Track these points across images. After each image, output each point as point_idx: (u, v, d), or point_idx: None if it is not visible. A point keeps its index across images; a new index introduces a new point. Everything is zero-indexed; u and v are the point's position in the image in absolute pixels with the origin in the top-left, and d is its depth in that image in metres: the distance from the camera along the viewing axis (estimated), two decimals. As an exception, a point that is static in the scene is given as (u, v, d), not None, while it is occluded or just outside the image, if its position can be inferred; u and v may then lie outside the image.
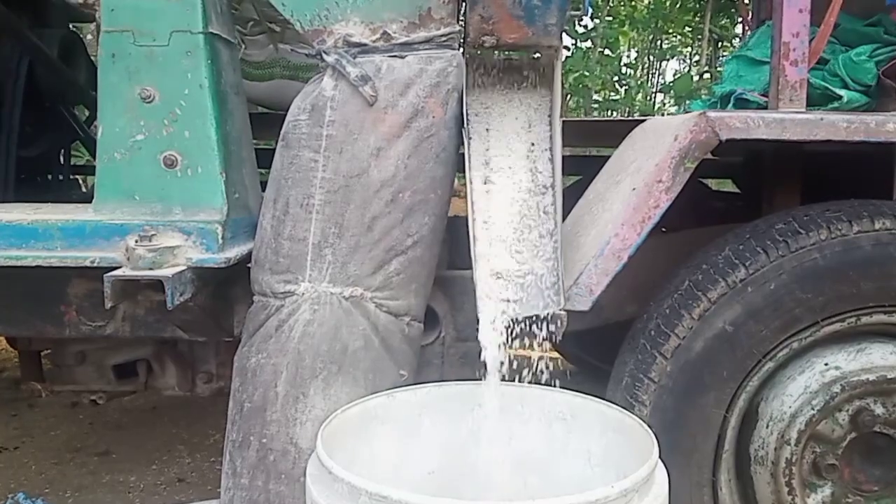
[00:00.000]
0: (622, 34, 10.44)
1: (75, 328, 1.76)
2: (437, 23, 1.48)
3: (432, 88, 1.45)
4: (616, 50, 10.02)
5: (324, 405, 1.37)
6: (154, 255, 1.39)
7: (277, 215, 1.46)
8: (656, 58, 12.62)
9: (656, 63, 12.94)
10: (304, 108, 1.46)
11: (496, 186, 1.48)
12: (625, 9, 10.49)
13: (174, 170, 1.47)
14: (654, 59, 12.70)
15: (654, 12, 10.62)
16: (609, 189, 1.48)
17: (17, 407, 2.81)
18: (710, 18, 9.65)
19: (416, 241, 1.45)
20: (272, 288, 1.45)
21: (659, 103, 11.69)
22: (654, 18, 10.61)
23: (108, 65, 1.46)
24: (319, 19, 1.47)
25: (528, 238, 1.38)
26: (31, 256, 1.43)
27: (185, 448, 2.50)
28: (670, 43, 12.25)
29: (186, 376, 2.09)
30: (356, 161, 1.42)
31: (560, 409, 1.33)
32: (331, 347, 1.39)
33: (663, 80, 12.73)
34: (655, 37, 11.88)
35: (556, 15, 1.48)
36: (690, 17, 10.62)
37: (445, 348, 1.70)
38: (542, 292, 1.29)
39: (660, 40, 12.38)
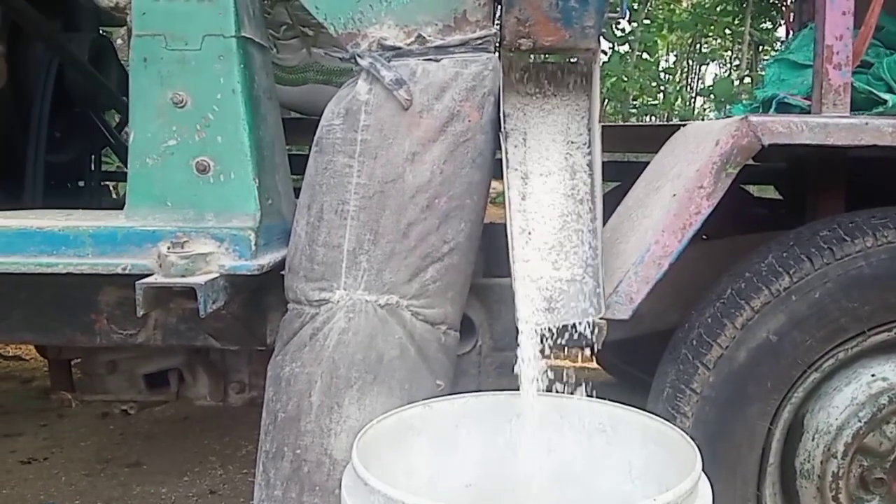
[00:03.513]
0: (661, 38, 10.37)
1: (106, 336, 1.75)
2: (472, 25, 1.46)
3: (468, 92, 1.43)
4: (654, 54, 9.96)
5: (359, 415, 1.35)
6: (186, 262, 1.37)
7: (312, 221, 1.43)
8: (696, 62, 12.51)
9: (696, 67, 12.83)
10: (339, 112, 1.44)
11: (533, 192, 1.45)
12: (663, 12, 10.42)
13: (207, 175, 1.46)
14: (693, 63, 12.60)
15: (693, 15, 10.53)
16: (649, 195, 1.44)
17: (46, 417, 2.81)
18: (750, 21, 9.55)
19: (452, 248, 1.42)
20: (306, 295, 1.42)
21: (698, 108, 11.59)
22: (694, 21, 10.52)
23: (140, 69, 1.45)
24: (353, 22, 1.45)
25: (566, 245, 1.34)
26: (61, 263, 1.42)
27: (216, 459, 2.49)
28: (710, 46, 12.14)
29: (218, 386, 2.07)
30: (391, 166, 1.39)
31: (600, 421, 1.29)
32: (366, 356, 1.37)
33: (703, 85, 12.62)
34: (695, 40, 11.78)
35: (593, 17, 1.45)
36: (730, 20, 10.51)
37: (482, 358, 1.66)
38: (582, 301, 1.26)
39: (699, 44, 12.28)
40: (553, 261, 1.31)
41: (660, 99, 9.96)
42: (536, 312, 1.24)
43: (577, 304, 1.25)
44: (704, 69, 13.29)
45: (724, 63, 13.04)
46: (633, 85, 8.65)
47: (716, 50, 12.38)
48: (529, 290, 1.27)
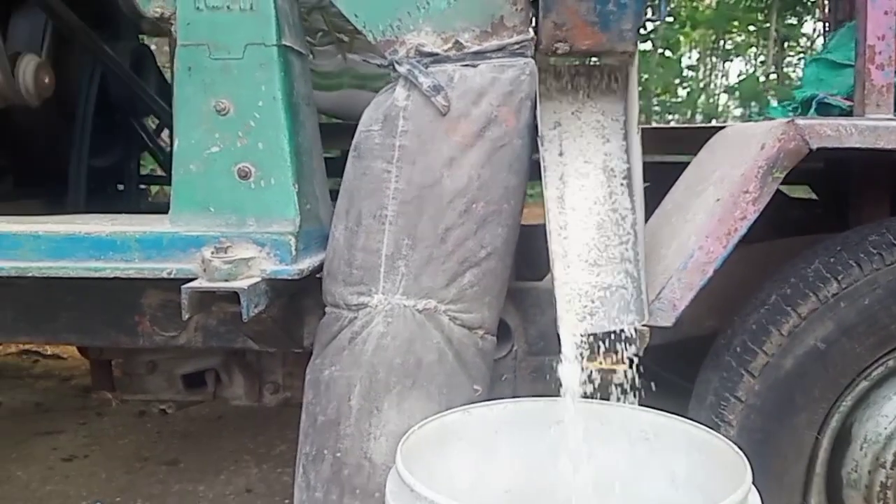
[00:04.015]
0: (684, 35, 10.27)
1: (148, 338, 1.79)
2: (509, 31, 1.46)
3: (505, 97, 1.43)
4: (677, 51, 9.86)
5: (398, 420, 1.35)
6: (230, 267, 1.39)
7: (350, 226, 1.45)
8: (719, 58, 12.36)
9: (719, 64, 12.67)
10: (377, 118, 1.45)
11: (572, 197, 1.44)
12: (686, 9, 10.32)
13: (248, 181, 1.48)
14: (717, 60, 12.45)
15: (717, 12, 10.41)
16: (689, 199, 1.43)
17: (85, 415, 2.87)
18: (776, 17, 9.41)
19: (489, 253, 1.42)
20: (345, 300, 1.44)
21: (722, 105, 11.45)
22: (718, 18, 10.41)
23: (185, 78, 1.47)
24: (392, 29, 1.45)
25: (606, 250, 1.34)
26: (109, 268, 1.44)
27: (251, 458, 2.52)
28: (734, 42, 11.99)
29: (254, 387, 2.10)
30: (429, 171, 1.40)
31: (642, 428, 1.28)
32: (405, 361, 1.37)
33: (727, 82, 12.47)
34: (718, 37, 11.64)
35: (631, 20, 1.44)
36: (755, 16, 10.37)
37: (517, 362, 1.66)
38: (624, 307, 1.25)
39: (723, 40, 12.12)
40: (593, 266, 1.31)
41: (682, 96, 9.85)
42: (577, 319, 1.24)
43: (619, 311, 1.25)
44: (728, 66, 13.11)
45: (748, 59, 12.86)
46: (656, 83, 8.58)
47: (740, 46, 12.21)
48: (570, 295, 1.26)
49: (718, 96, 12.04)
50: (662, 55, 9.16)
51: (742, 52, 12.44)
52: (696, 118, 10.46)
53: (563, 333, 1.24)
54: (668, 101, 9.73)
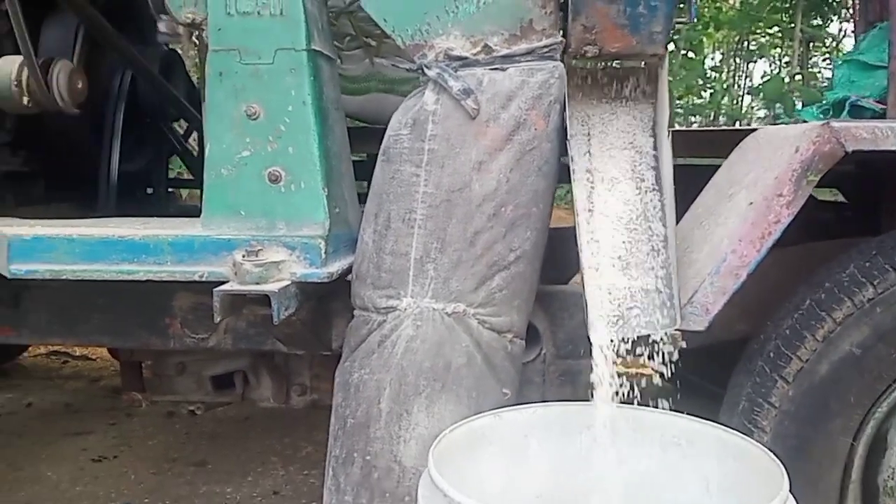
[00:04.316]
0: (707, 36, 10.18)
1: (179, 340, 1.81)
2: (538, 34, 1.46)
3: (534, 100, 1.43)
4: (700, 53, 9.77)
5: (427, 423, 1.36)
6: (260, 270, 1.40)
7: (379, 230, 1.45)
8: (743, 59, 12.22)
9: (743, 65, 12.53)
10: (406, 122, 1.45)
11: (601, 200, 1.44)
12: (709, 10, 10.23)
13: (278, 185, 1.49)
14: (740, 61, 12.32)
15: (741, 13, 10.31)
16: (721, 203, 1.41)
17: (114, 416, 2.91)
18: (801, 18, 9.29)
19: (518, 256, 1.42)
20: (374, 303, 1.44)
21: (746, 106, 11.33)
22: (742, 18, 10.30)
23: (216, 83, 1.49)
24: (421, 34, 1.46)
25: (637, 254, 1.33)
26: (142, 271, 1.46)
27: (278, 460, 2.53)
28: (758, 43, 11.86)
29: (281, 388, 2.12)
30: (458, 175, 1.40)
31: (675, 434, 1.27)
32: (434, 364, 1.38)
33: (750, 83, 12.33)
34: (742, 37, 11.52)
35: (662, 23, 1.43)
36: (780, 17, 10.25)
37: (546, 366, 1.66)
38: (656, 312, 1.24)
39: (747, 41, 11.99)
40: (624, 270, 1.30)
41: (705, 98, 9.75)
42: (609, 323, 1.23)
43: (651, 315, 1.24)
44: (752, 67, 12.96)
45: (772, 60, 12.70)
46: (679, 85, 8.51)
47: (764, 47, 12.06)
48: (601, 300, 1.26)
49: (742, 98, 11.91)
50: (685, 56, 9.07)
51: (766, 53, 12.29)
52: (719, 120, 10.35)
53: (594, 338, 1.23)
54: (691, 102, 9.64)
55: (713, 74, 11.39)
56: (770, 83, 8.98)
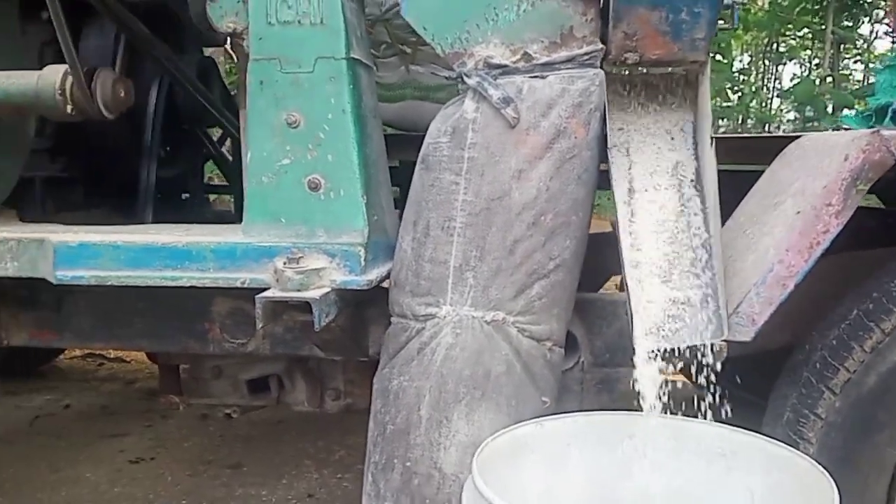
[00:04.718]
0: (735, 38, 10.05)
1: (218, 345, 1.83)
2: (579, 41, 1.45)
3: (575, 109, 1.42)
4: (728, 55, 9.65)
5: (467, 430, 1.36)
6: (301, 277, 1.41)
7: (418, 237, 1.46)
8: (772, 61, 12.06)
9: (772, 67, 12.36)
10: (445, 130, 1.45)
11: (642, 208, 1.43)
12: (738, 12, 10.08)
13: (318, 193, 1.50)
14: (769, 63, 12.15)
15: (770, 14, 10.16)
16: (765, 211, 1.40)
17: (150, 418, 2.94)
18: (832, 19, 9.15)
19: (557, 265, 1.42)
20: (413, 310, 1.45)
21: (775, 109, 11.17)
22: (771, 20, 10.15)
23: (257, 92, 1.50)
24: (460, 42, 1.46)
25: (680, 263, 1.32)
26: (185, 277, 1.48)
27: (312, 463, 2.55)
28: (787, 45, 11.70)
29: (315, 393, 2.13)
30: (497, 183, 1.40)
31: (718, 445, 1.26)
32: (473, 372, 1.38)
33: (780, 85, 12.17)
34: (771, 40, 11.36)
35: (704, 29, 1.42)
36: (810, 19, 10.09)
37: (583, 374, 1.65)
38: (702, 322, 1.23)
39: (776, 43, 11.82)
40: (667, 280, 1.29)
41: (734, 101, 9.61)
42: (654, 333, 1.22)
43: (696, 325, 1.23)
44: (781, 69, 12.77)
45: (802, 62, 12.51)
46: (707, 88, 8.39)
47: (794, 49, 11.87)
48: (645, 310, 1.25)
49: (771, 100, 11.75)
50: (713, 59, 8.97)
51: (796, 55, 12.11)
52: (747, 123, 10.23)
53: (638, 348, 1.22)
54: (719, 105, 9.52)
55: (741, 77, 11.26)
56: (801, 86, 8.85)
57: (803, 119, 9.19)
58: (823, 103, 8.17)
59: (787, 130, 10.22)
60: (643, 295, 1.27)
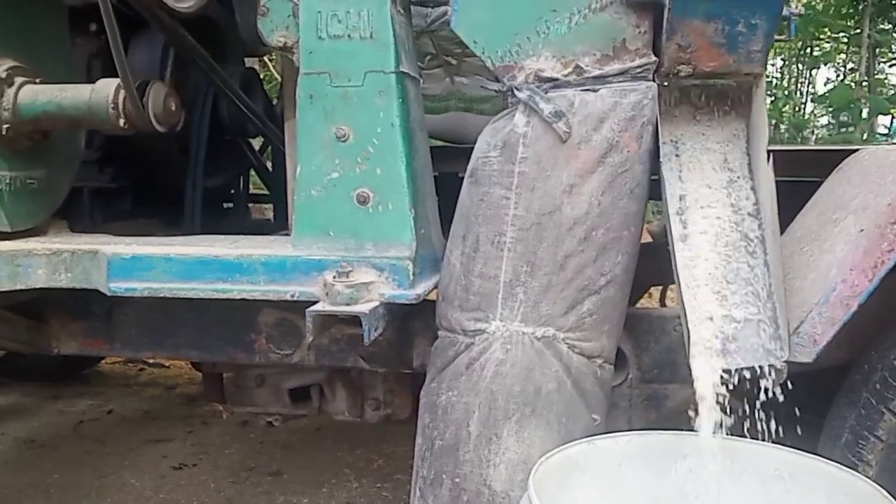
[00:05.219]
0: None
1: (264, 355, 1.85)
2: (631, 54, 1.43)
3: (627, 122, 1.41)
4: (762, 60, 9.45)
5: (517, 448, 1.35)
6: (351, 291, 1.42)
7: (467, 252, 1.45)
8: (806, 66, 11.84)
9: (805, 72, 12.14)
10: (495, 144, 1.45)
11: (695, 224, 1.40)
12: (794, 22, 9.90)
13: (366, 207, 1.50)
14: (803, 68, 11.94)
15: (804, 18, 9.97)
16: (824, 227, 1.37)
17: (191, 423, 2.98)
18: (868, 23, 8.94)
19: (609, 281, 1.41)
20: (462, 325, 1.44)
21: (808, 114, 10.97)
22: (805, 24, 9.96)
23: (307, 106, 1.51)
24: (510, 55, 1.45)
25: (736, 281, 1.29)
26: (236, 290, 1.49)
27: (351, 472, 2.56)
28: (822, 49, 11.47)
29: (356, 402, 2.14)
30: (549, 198, 1.39)
31: (776, 467, 1.23)
32: (524, 388, 1.37)
33: (813, 90, 11.95)
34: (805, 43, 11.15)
35: (761, 41, 1.39)
36: (845, 22, 9.89)
37: (631, 390, 1.63)
38: (761, 342, 1.20)
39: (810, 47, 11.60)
40: (723, 298, 1.27)
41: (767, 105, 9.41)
42: (712, 353, 1.20)
43: (756, 346, 1.20)
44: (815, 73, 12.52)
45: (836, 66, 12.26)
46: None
47: (829, 53, 11.63)
48: (702, 328, 1.23)
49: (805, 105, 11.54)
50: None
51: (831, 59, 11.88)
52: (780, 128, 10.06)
53: (695, 368, 1.20)
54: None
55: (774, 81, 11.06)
56: (837, 91, 8.68)
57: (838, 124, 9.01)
58: (859, 109, 8.01)
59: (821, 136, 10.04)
60: (699, 313, 1.25)
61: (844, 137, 7.72)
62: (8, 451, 2.72)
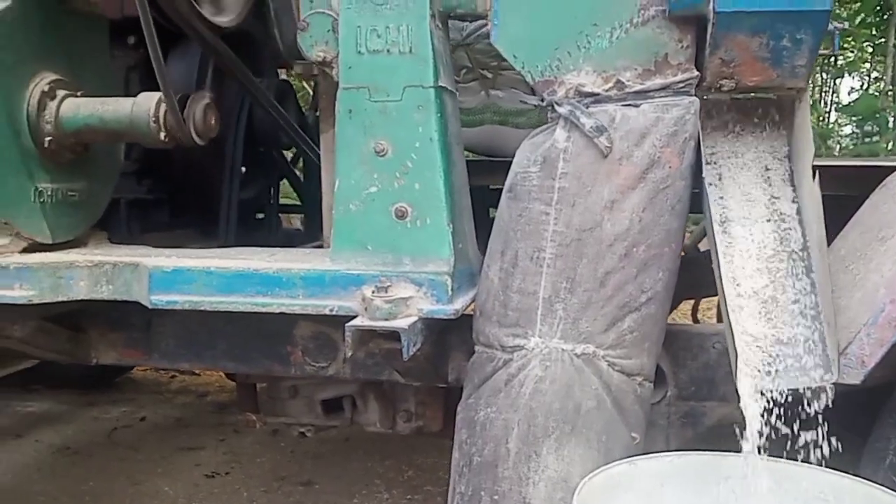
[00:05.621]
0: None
1: (300, 368, 1.85)
2: (674, 69, 1.42)
3: (669, 138, 1.39)
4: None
5: (557, 466, 1.34)
6: (390, 307, 1.42)
7: (506, 267, 1.45)
8: (830, 75, 11.67)
9: (830, 81, 11.97)
10: (535, 159, 1.44)
11: (738, 241, 1.39)
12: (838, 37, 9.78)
13: (404, 221, 1.50)
14: (827, 77, 11.77)
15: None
16: (870, 245, 1.34)
17: (223, 431, 3.00)
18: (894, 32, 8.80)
19: (649, 298, 1.39)
20: (500, 341, 1.43)
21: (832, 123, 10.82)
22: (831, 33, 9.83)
23: (345, 120, 1.51)
24: (551, 70, 1.45)
25: (781, 300, 1.27)
26: (276, 304, 1.50)
27: (381, 483, 2.56)
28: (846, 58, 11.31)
29: (388, 414, 2.14)
30: (589, 214, 1.38)
31: (821, 490, 1.21)
32: (563, 406, 1.36)
33: (837, 99, 11.79)
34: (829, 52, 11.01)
35: (806, 56, 1.38)
36: (870, 31, 9.75)
37: (669, 407, 1.62)
38: (809, 363, 1.18)
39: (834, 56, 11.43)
40: (769, 317, 1.25)
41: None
42: (759, 374, 1.18)
43: (803, 367, 1.18)
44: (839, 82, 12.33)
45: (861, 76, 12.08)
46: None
47: (853, 62, 11.45)
48: (749, 348, 1.21)
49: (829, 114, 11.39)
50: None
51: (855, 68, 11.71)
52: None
53: (741, 388, 1.18)
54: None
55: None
56: (862, 100, 8.56)
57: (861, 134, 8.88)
58: (885, 118, 7.89)
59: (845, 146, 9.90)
60: (745, 332, 1.23)
61: (870, 148, 7.60)
62: (43, 458, 2.76)
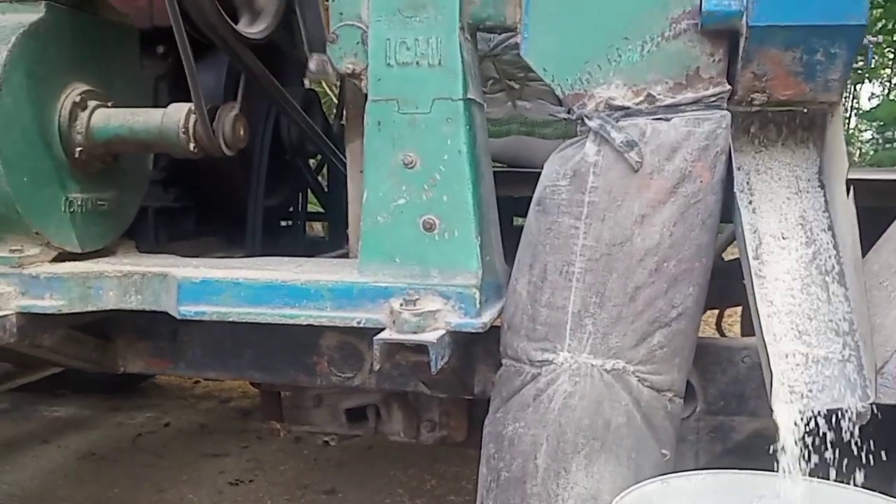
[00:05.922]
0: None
1: (325, 378, 1.86)
2: (705, 83, 1.41)
3: (700, 152, 1.38)
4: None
5: (586, 483, 1.33)
6: (418, 320, 1.41)
7: (534, 281, 1.44)
8: (850, 81, 11.54)
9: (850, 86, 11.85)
10: (565, 173, 1.43)
11: (770, 257, 1.37)
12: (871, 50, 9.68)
13: (432, 233, 1.50)
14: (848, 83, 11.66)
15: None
16: (907, 261, 1.32)
17: (246, 438, 3.01)
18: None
19: (680, 313, 1.38)
20: (528, 355, 1.43)
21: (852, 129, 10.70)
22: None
23: (374, 132, 1.52)
24: (581, 83, 1.44)
25: (816, 318, 1.25)
26: (303, 315, 1.50)
27: (404, 492, 2.56)
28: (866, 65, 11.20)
29: (412, 424, 2.14)
30: (619, 228, 1.37)
31: (857, 511, 1.19)
32: (593, 422, 1.35)
33: (857, 104, 11.68)
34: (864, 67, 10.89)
35: (840, 70, 1.36)
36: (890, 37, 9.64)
37: (698, 422, 1.60)
38: (846, 383, 1.16)
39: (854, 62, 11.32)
40: (804, 335, 1.23)
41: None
42: (795, 394, 1.16)
43: (840, 388, 1.16)
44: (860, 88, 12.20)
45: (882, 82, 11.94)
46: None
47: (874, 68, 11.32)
48: (784, 368, 1.19)
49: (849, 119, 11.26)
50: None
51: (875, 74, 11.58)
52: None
53: (777, 409, 1.16)
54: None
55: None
56: (883, 106, 8.46)
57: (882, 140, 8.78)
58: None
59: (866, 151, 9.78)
60: (780, 351, 1.21)
61: (890, 154, 7.51)
62: (69, 463, 2.78)
